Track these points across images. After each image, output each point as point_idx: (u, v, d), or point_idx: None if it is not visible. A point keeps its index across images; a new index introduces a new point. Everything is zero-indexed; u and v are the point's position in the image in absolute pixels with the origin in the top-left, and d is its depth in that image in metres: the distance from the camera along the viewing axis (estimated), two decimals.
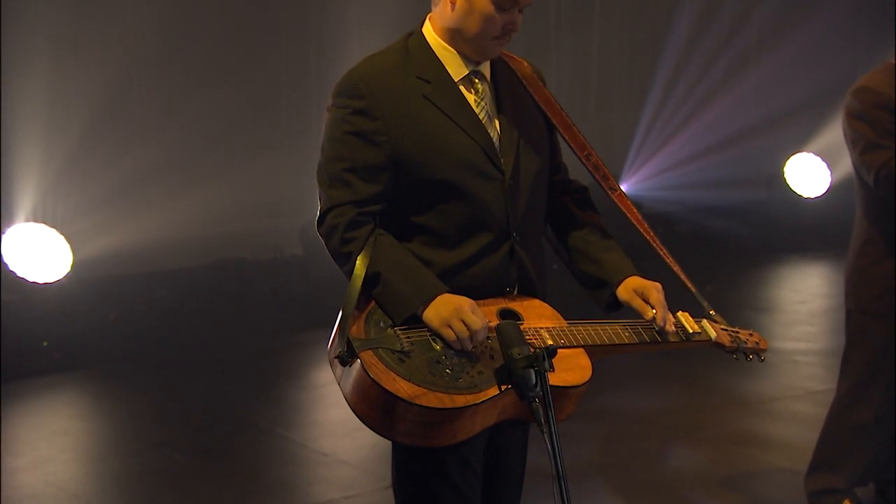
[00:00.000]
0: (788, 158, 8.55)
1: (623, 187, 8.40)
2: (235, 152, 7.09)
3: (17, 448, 4.64)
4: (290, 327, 6.27)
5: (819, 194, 8.50)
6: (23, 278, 5.99)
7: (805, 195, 8.52)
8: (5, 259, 5.96)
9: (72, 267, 6.14)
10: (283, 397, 5.35)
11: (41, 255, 6.09)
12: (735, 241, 8.19)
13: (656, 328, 2.33)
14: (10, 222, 6.12)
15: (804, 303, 7.03)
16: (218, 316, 6.46)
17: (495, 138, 2.31)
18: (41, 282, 6.04)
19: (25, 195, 6.29)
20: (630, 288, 2.36)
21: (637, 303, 2.34)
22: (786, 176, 8.56)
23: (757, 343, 2.54)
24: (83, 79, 6.45)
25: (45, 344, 5.87)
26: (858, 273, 3.48)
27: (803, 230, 8.28)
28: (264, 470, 4.40)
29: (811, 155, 8.53)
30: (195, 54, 6.87)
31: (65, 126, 6.43)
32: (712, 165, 8.32)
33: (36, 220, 6.23)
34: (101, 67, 6.48)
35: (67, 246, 6.16)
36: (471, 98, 2.31)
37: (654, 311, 2.32)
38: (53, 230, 6.17)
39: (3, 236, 6.00)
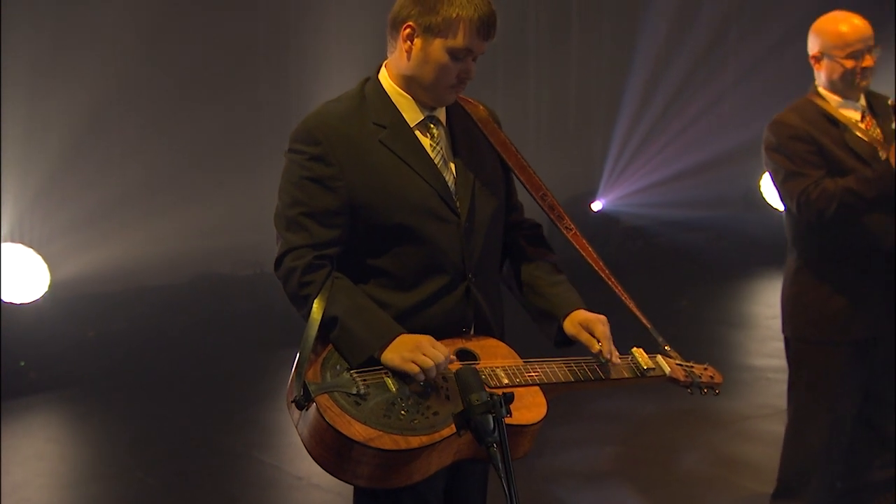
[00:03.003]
0: (764, 173, 8.62)
1: (601, 202, 8.54)
2: (215, 170, 7.11)
3: None
4: (270, 345, 6.28)
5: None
6: None
7: (781, 209, 8.58)
8: None
9: (49, 287, 6.15)
10: (259, 419, 5.37)
11: (18, 275, 6.10)
12: (712, 255, 8.26)
13: (602, 360, 2.37)
14: None
15: (777, 318, 7.00)
16: (197, 334, 6.48)
17: (450, 182, 2.35)
18: (18, 302, 6.06)
19: (2, 216, 6.29)
20: (576, 322, 2.40)
21: (584, 336, 2.38)
22: (762, 190, 8.64)
23: (711, 377, 2.58)
24: (62, 98, 6.46)
25: (21, 364, 5.88)
26: (792, 301, 3.56)
27: (779, 244, 8.33)
28: (239, 494, 4.42)
29: None
30: (175, 74, 6.89)
31: (43, 147, 6.44)
32: (690, 185, 8.39)
33: (13, 241, 6.24)
34: (79, 87, 6.49)
35: (45, 266, 6.18)
36: (426, 142, 2.35)
37: (600, 344, 2.36)
38: (31, 250, 6.19)
39: None
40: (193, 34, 6.90)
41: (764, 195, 8.64)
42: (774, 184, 3.48)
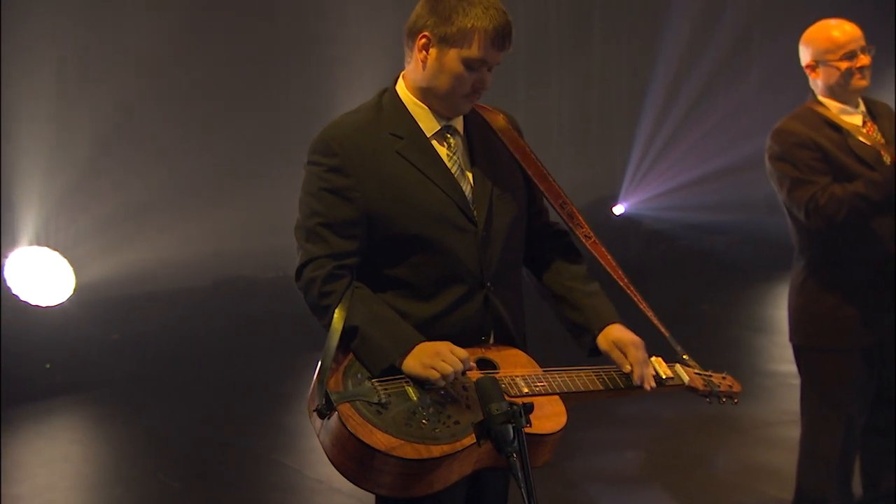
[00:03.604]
0: None
1: (623, 206, 8.52)
2: (238, 174, 7.17)
3: (18, 475, 4.70)
4: (292, 347, 6.31)
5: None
6: (26, 301, 6.07)
7: None
8: (8, 282, 6.05)
9: (75, 290, 6.22)
10: (281, 422, 5.40)
11: (44, 278, 6.18)
12: (734, 259, 8.21)
13: (635, 384, 2.38)
14: (14, 246, 6.20)
15: None
16: (220, 336, 6.53)
17: (468, 191, 2.36)
18: (44, 305, 6.13)
19: (29, 219, 6.37)
20: (610, 339, 2.40)
21: (615, 355, 2.39)
22: None
23: (730, 386, 2.58)
24: (87, 103, 6.53)
25: (47, 366, 5.95)
26: (800, 310, 3.55)
27: None
28: (261, 498, 4.44)
29: None
30: (200, 79, 6.95)
31: (69, 150, 6.51)
32: (712, 189, 8.36)
33: (39, 244, 6.31)
34: (105, 91, 6.56)
35: (70, 269, 6.25)
36: (443, 152, 2.36)
37: (632, 368, 2.36)
38: (56, 253, 6.26)
39: (6, 260, 6.08)
40: (219, 40, 6.96)
41: None
42: (780, 193, 3.47)
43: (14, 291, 6.04)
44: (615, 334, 2.40)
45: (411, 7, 2.35)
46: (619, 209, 8.36)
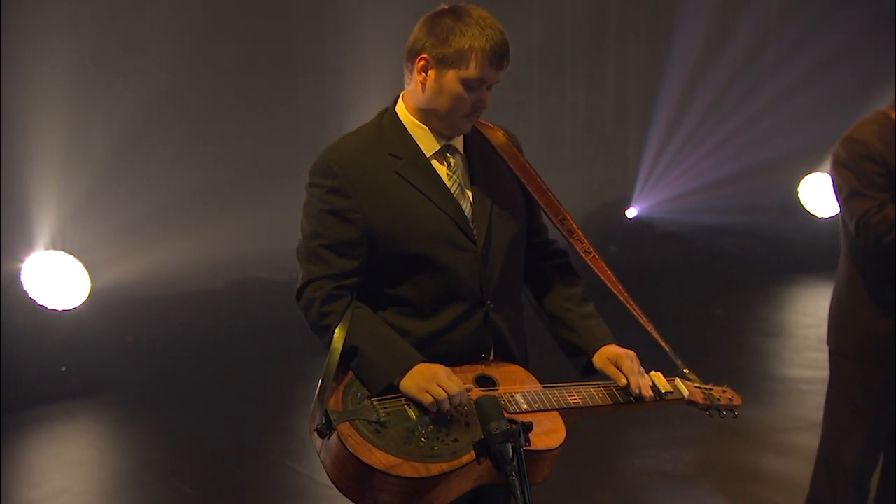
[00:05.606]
0: (803, 178, 8.55)
1: (636, 209, 8.51)
2: (251, 177, 7.22)
3: (34, 479, 4.76)
4: (305, 351, 6.30)
5: (833, 214, 8.49)
6: (42, 305, 6.14)
7: (819, 215, 8.53)
8: (25, 286, 6.12)
9: (90, 294, 6.28)
10: (294, 427, 5.43)
11: (60, 282, 6.24)
12: (747, 262, 8.18)
13: (633, 395, 2.40)
14: (30, 250, 6.28)
15: (813, 327, 7.00)
16: (233, 340, 6.57)
17: (467, 209, 2.38)
18: (59, 308, 6.20)
19: (45, 223, 6.44)
20: (605, 357, 2.43)
21: (611, 370, 2.41)
22: (800, 196, 8.56)
23: (730, 399, 2.60)
24: (105, 108, 6.60)
25: (63, 370, 6.01)
26: (840, 316, 3.52)
27: (817, 250, 8.27)
28: (271, 503, 4.49)
29: (825, 175, 8.53)
30: (216, 84, 7.01)
31: (86, 156, 6.58)
32: (726, 192, 8.34)
33: (55, 248, 6.38)
34: (122, 97, 6.63)
35: (86, 273, 6.32)
36: (442, 171, 2.38)
37: (628, 379, 2.38)
38: (72, 258, 6.33)
39: (23, 264, 6.15)
40: (234, 47, 7.02)
41: (802, 201, 8.57)
42: (837, 199, 3.43)
43: (30, 295, 6.11)
44: (609, 351, 2.43)
45: (426, 9, 2.36)
46: (632, 212, 8.36)
